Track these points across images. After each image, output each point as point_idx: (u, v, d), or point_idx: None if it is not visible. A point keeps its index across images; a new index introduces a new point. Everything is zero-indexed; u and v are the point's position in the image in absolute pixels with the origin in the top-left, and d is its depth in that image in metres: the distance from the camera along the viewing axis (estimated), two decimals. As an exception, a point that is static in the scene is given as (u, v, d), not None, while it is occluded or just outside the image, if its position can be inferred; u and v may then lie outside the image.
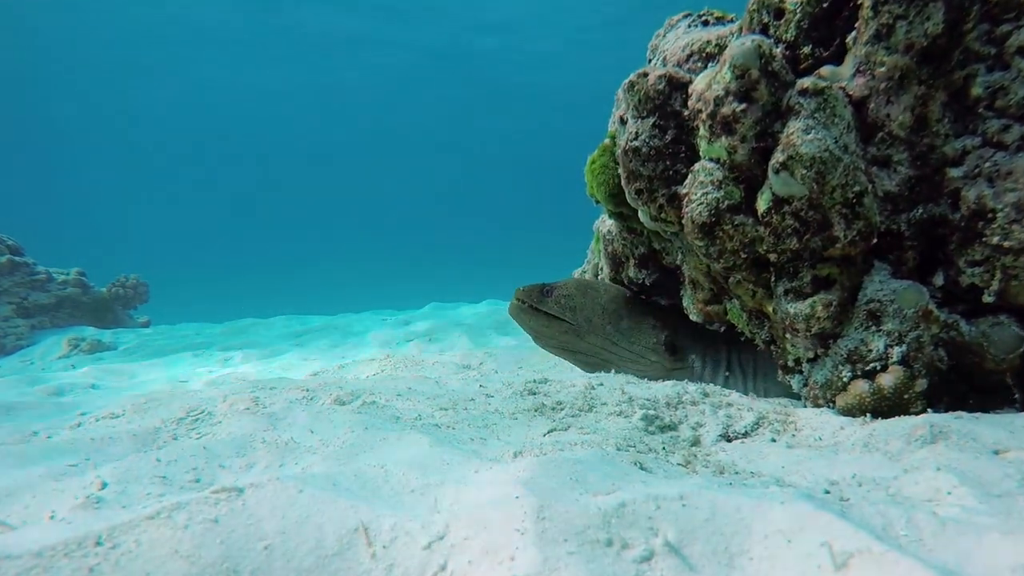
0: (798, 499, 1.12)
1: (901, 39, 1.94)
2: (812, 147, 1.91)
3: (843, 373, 2.01)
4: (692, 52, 2.53)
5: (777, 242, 2.05)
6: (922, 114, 2.00)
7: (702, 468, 1.55)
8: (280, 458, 1.65)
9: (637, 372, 2.97)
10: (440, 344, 6.53)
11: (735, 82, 1.99)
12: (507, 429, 1.91)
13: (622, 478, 1.33)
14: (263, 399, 2.30)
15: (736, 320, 2.47)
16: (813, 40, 2.18)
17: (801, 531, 1.03)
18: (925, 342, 1.94)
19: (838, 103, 1.98)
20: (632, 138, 2.34)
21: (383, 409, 2.15)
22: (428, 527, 1.11)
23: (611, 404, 2.13)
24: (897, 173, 2.06)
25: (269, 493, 1.18)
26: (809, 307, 2.05)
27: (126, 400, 2.62)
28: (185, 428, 2.03)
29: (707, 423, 1.97)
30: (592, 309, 3.06)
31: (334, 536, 1.09)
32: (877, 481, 1.37)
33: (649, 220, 2.49)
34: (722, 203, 2.12)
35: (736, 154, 2.07)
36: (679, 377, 2.91)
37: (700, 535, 1.05)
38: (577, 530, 1.05)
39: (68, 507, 1.33)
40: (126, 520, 1.08)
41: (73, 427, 2.23)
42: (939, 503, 1.22)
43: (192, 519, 1.09)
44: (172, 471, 1.54)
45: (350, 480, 1.33)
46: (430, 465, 1.44)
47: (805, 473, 1.48)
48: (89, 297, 10.02)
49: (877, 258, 2.08)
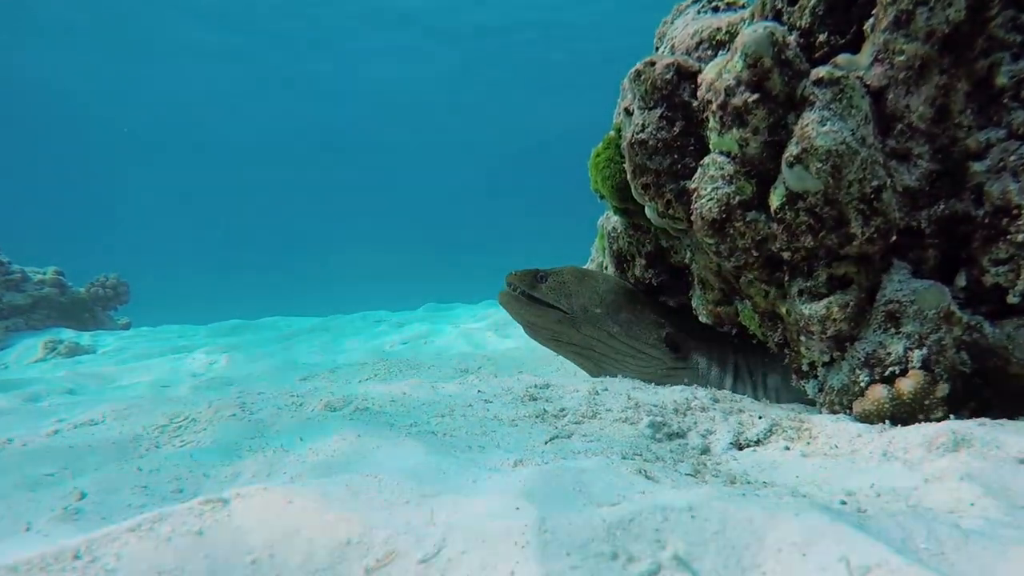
0: (813, 510, 1.11)
1: (922, 26, 1.94)
2: (828, 140, 1.91)
3: (860, 378, 2.01)
4: (701, 40, 2.52)
5: (791, 240, 2.05)
6: (943, 105, 2.00)
7: (712, 478, 1.55)
8: (268, 467, 1.65)
9: (634, 368, 2.93)
10: (436, 347, 6.53)
11: (747, 71, 1.99)
12: (507, 436, 1.90)
13: (628, 488, 1.32)
14: (250, 405, 2.30)
15: (748, 322, 2.47)
16: (829, 27, 2.17)
17: (816, 544, 1.03)
18: (947, 345, 1.93)
19: (855, 93, 1.98)
20: (638, 130, 2.33)
21: (376, 415, 2.14)
22: (423, 541, 1.11)
23: (616, 410, 2.13)
24: (917, 167, 2.06)
25: (256, 504, 1.18)
26: (825, 308, 2.05)
27: (106, 406, 2.61)
28: (168, 435, 2.03)
29: (717, 430, 1.97)
30: (589, 298, 3.00)
31: (325, 550, 1.08)
32: (896, 491, 1.37)
33: (656, 216, 2.48)
34: (733, 199, 2.11)
35: (748, 147, 2.07)
36: (680, 376, 2.89)
37: (710, 548, 1.05)
38: (580, 543, 1.05)
39: (45, 519, 1.32)
40: (106, 532, 1.07)
41: (50, 434, 2.22)
42: (962, 514, 1.22)
43: (175, 531, 1.08)
44: (154, 481, 1.54)
45: (341, 490, 1.33)
46: (426, 475, 1.44)
47: (820, 483, 1.48)
48: (67, 298, 10.02)
49: (896, 257, 2.08)
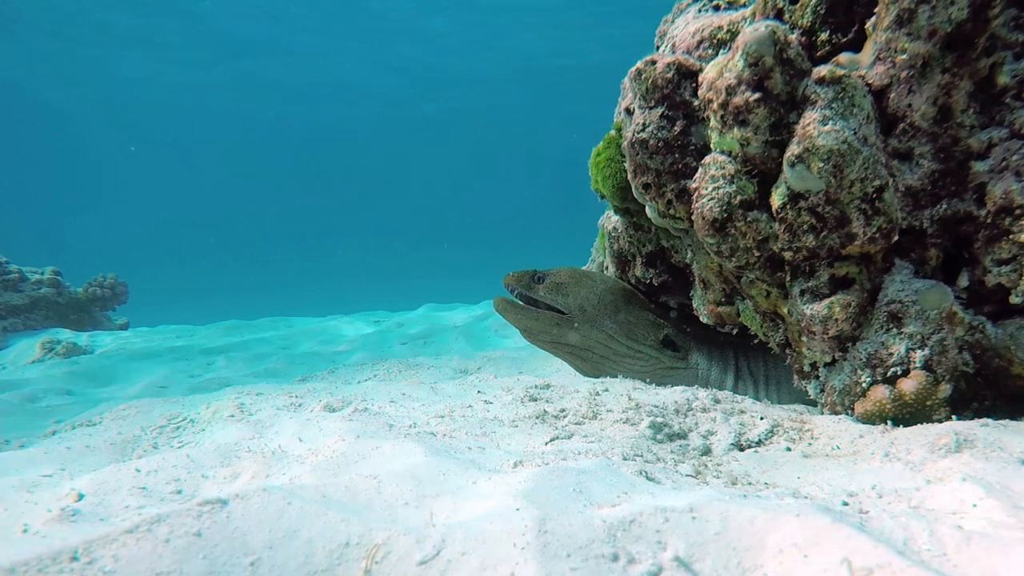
0: (815, 511, 1.12)
1: (924, 25, 1.94)
2: (830, 139, 1.91)
3: (862, 378, 2.01)
4: (703, 38, 2.53)
5: (793, 239, 2.05)
6: (946, 104, 2.00)
7: (713, 479, 1.56)
8: (267, 468, 1.65)
9: (634, 370, 2.93)
10: (435, 347, 6.53)
11: (748, 70, 1.99)
12: (507, 437, 1.91)
13: (629, 489, 1.33)
14: (248, 405, 2.30)
15: (749, 322, 2.47)
16: (831, 26, 2.18)
17: (818, 545, 1.03)
18: (949, 345, 1.94)
19: (857, 92, 1.98)
20: (639, 129, 2.34)
21: (376, 416, 2.15)
22: (423, 542, 1.11)
23: (617, 411, 2.13)
24: (919, 166, 2.06)
25: (255, 505, 1.18)
26: (826, 308, 2.06)
27: (103, 407, 2.62)
28: (166, 436, 2.04)
29: (719, 431, 1.97)
30: (587, 299, 2.98)
31: (324, 551, 1.09)
32: (898, 492, 1.37)
33: (657, 216, 2.49)
34: (734, 198, 2.12)
35: (749, 146, 2.07)
36: (679, 377, 2.89)
37: (711, 549, 1.06)
38: (581, 544, 1.05)
39: (42, 520, 1.33)
40: (104, 534, 1.08)
41: (47, 435, 2.23)
42: (964, 516, 1.22)
43: (174, 532, 1.09)
44: (152, 482, 1.54)
45: (341, 492, 1.34)
46: (425, 476, 1.44)
47: (822, 484, 1.49)
48: (64, 298, 10.02)
49: (898, 257, 2.08)
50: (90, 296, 10.61)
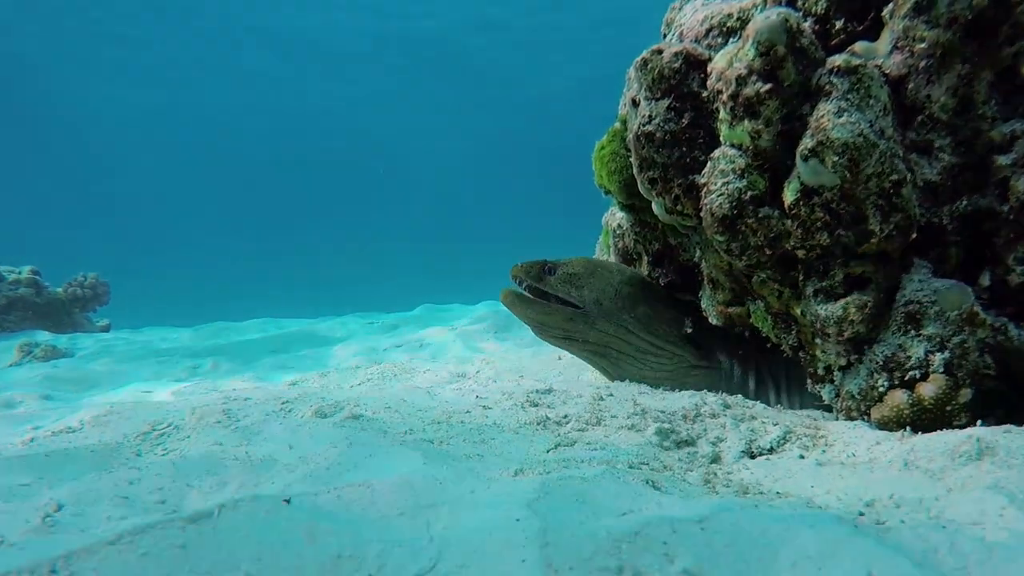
0: (830, 522, 1.11)
1: (943, 12, 1.94)
2: (844, 132, 1.91)
3: (879, 382, 2.01)
4: (711, 27, 2.52)
5: (806, 237, 2.05)
6: (966, 95, 2.00)
7: (723, 488, 1.55)
8: (255, 477, 1.65)
9: (654, 367, 2.86)
10: (432, 350, 6.53)
11: (759, 60, 1.99)
12: (507, 444, 1.90)
13: (634, 499, 1.32)
14: (236, 411, 2.30)
15: (760, 324, 2.47)
16: (845, 13, 2.17)
17: (833, 558, 1.03)
18: (970, 348, 1.93)
19: (873, 83, 1.98)
20: (645, 122, 2.33)
21: (369, 422, 2.14)
22: (418, 554, 1.11)
23: (622, 417, 2.13)
24: (939, 160, 2.06)
25: (243, 516, 1.18)
26: (841, 309, 2.05)
27: (84, 413, 2.62)
28: (150, 444, 2.03)
29: (728, 438, 1.97)
30: (603, 291, 2.89)
31: (315, 564, 1.08)
32: (918, 502, 1.37)
33: (664, 213, 2.49)
34: (744, 194, 2.11)
35: (760, 139, 2.07)
36: (703, 377, 2.83)
37: (721, 562, 1.05)
38: (584, 557, 1.05)
39: (20, 531, 1.32)
40: (84, 546, 1.07)
41: (25, 442, 2.22)
42: (986, 527, 1.22)
43: (157, 545, 1.08)
44: (135, 491, 1.53)
45: (333, 501, 1.33)
46: (421, 485, 1.44)
47: (837, 493, 1.48)
48: (43, 298, 10.01)
49: (916, 255, 2.08)
50: (70, 297, 10.60)
